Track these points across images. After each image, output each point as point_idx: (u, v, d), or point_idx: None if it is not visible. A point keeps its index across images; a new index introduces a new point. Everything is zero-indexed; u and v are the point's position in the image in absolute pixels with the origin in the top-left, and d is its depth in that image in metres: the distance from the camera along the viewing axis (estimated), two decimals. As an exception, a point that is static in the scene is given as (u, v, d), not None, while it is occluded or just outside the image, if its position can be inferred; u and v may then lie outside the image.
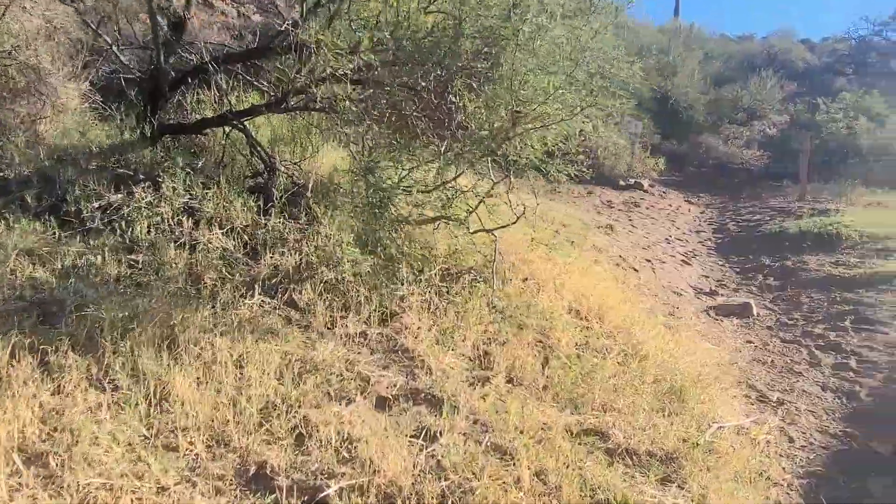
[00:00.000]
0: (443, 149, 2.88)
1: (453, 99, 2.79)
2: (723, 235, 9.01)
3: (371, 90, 2.75)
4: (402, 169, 2.80)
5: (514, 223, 3.12)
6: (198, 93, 4.64)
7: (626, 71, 3.06)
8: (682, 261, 7.17)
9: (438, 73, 2.76)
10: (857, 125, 14.45)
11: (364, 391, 2.49)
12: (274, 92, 4.10)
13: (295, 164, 3.98)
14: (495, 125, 2.53)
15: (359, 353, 2.80)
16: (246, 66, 4.68)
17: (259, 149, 3.93)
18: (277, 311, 2.90)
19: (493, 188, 3.09)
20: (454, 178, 2.69)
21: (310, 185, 3.68)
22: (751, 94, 22.32)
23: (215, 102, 4.48)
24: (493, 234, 3.14)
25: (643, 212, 10.32)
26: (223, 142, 4.09)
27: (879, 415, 3.52)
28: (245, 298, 2.85)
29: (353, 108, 2.99)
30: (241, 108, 4.14)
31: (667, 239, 8.39)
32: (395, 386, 2.56)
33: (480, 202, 3.05)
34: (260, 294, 2.88)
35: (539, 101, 2.37)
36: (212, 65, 4.04)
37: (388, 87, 2.71)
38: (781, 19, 67.27)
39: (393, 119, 2.80)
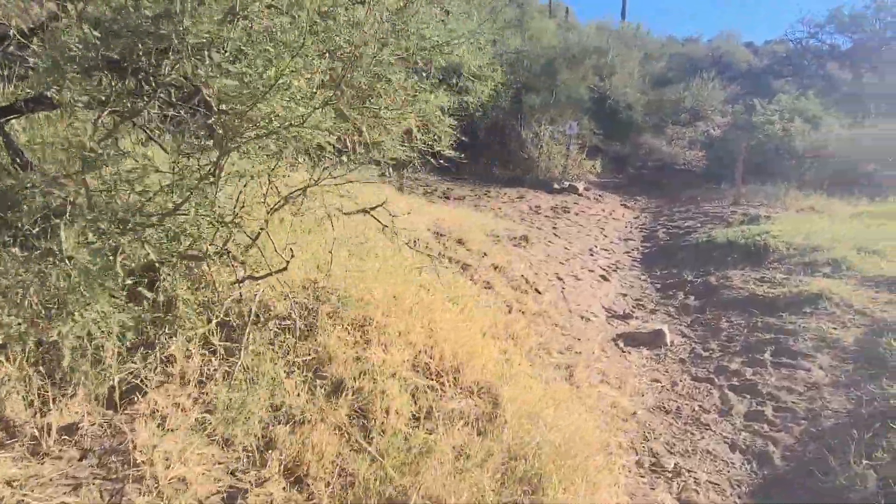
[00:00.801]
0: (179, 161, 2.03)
1: (182, 80, 1.95)
2: (651, 244, 8.44)
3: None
4: (132, 192, 1.95)
5: (284, 269, 2.30)
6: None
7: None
8: (601, 276, 6.52)
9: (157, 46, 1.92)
10: (792, 127, 14.28)
11: (19, 536, 1.64)
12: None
13: (64, 177, 3.06)
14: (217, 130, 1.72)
15: (58, 457, 1.93)
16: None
17: (19, 157, 3.01)
18: (-49, 396, 2.00)
19: (277, 206, 2.26)
20: (176, 207, 1.86)
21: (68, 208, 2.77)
22: (693, 95, 22.28)
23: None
24: (258, 281, 2.32)
25: (571, 218, 9.70)
26: (-20, 147, 3.15)
27: (793, 485, 2.86)
28: None
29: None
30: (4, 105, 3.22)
31: (591, 249, 7.76)
32: (76, 522, 1.71)
33: (258, 234, 2.21)
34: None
35: (257, 95, 1.56)
36: (-43, 46, 3.09)
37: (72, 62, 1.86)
38: (728, 22, 68.89)
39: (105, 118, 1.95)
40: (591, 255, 7.47)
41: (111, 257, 1.89)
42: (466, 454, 2.46)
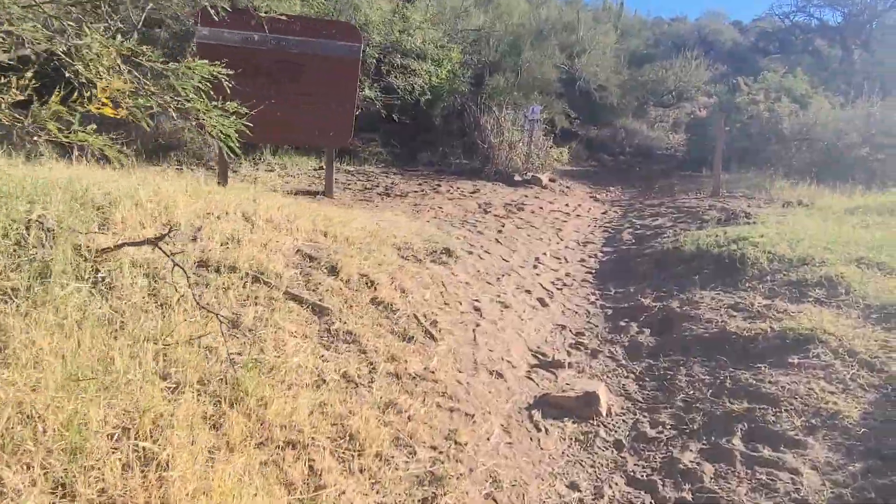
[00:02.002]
0: None
1: None
2: (612, 249, 7.14)
3: None
4: None
5: None
6: None
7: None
8: (539, 299, 5.20)
9: None
10: (778, 107, 12.97)
11: None
12: None
13: None
14: None
15: None
16: None
17: None
18: None
19: None
20: None
21: None
22: (676, 75, 20.97)
23: None
24: None
25: (525, 217, 8.37)
26: None
27: None
28: None
29: None
30: None
31: (537, 259, 6.45)
32: None
33: None
34: None
35: None
36: None
37: None
38: (715, 1, 67.31)
39: None
40: (536, 267, 6.15)
41: None
42: None
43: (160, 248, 2.84)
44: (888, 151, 11.27)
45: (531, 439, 3.11)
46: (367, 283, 4.03)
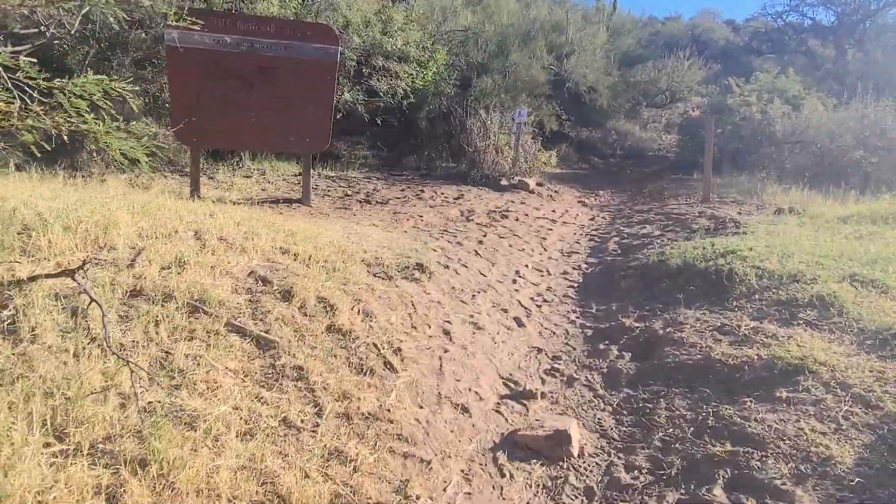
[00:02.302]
0: None
1: None
2: (597, 261, 6.86)
3: None
4: None
5: None
6: None
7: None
8: (516, 319, 4.92)
9: None
10: (770, 109, 12.74)
11: None
12: None
13: None
14: None
15: None
16: None
17: None
18: None
19: None
20: None
21: None
22: (669, 76, 20.76)
23: None
24: None
25: (508, 226, 8.09)
26: None
27: None
28: None
29: None
30: None
31: (517, 273, 6.17)
32: None
33: None
34: None
35: None
36: None
37: None
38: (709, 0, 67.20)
39: None
40: (515, 282, 5.87)
41: None
42: None
43: (75, 280, 2.55)
44: (882, 154, 11.05)
45: (493, 487, 2.83)
46: (325, 308, 3.74)
